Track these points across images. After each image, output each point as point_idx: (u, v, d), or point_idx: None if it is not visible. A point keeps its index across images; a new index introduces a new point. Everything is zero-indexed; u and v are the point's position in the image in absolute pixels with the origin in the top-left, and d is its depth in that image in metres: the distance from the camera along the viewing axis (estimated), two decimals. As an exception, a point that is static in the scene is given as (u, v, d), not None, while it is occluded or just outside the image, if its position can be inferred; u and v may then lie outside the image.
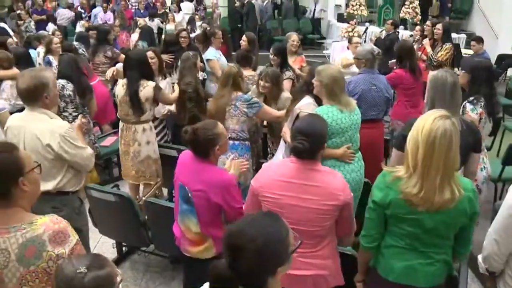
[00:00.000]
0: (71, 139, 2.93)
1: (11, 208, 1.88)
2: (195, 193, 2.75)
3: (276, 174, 2.50)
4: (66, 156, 2.93)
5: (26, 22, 11.66)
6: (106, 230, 4.02)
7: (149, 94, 4.27)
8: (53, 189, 2.97)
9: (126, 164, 4.49)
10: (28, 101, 2.93)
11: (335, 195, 2.43)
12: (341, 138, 3.44)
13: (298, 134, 2.46)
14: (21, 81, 2.92)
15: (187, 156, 2.90)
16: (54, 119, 2.97)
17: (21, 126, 2.96)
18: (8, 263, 1.81)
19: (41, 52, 7.11)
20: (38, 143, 2.88)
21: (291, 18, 15.89)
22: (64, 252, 1.85)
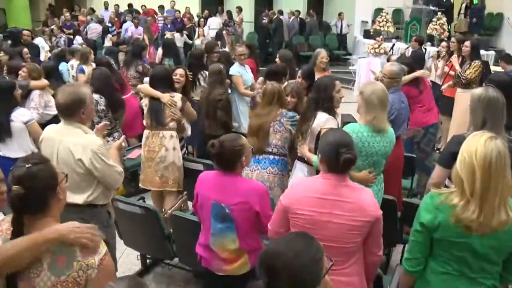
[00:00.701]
0: (102, 156, 2.97)
1: (45, 218, 1.93)
2: (234, 207, 2.74)
3: (308, 191, 2.47)
4: (95, 173, 2.97)
5: (57, 37, 11.97)
6: (131, 242, 4.04)
7: (178, 104, 4.44)
8: (83, 202, 3.01)
9: (149, 170, 4.52)
10: (65, 115, 3.00)
11: (367, 211, 2.40)
12: (364, 162, 3.39)
13: (340, 147, 2.42)
14: (60, 96, 2.99)
15: (211, 176, 2.91)
16: (88, 134, 3.03)
17: (55, 138, 3.02)
18: (41, 272, 1.84)
19: (74, 65, 7.29)
20: (70, 156, 2.93)
21: (317, 34, 15.94)
22: (94, 262, 1.87)
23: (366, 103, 3.37)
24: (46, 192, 1.92)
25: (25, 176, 1.87)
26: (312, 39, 15.65)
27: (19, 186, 1.85)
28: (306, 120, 3.90)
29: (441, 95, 6.99)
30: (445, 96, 6.90)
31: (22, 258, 1.83)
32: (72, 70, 7.34)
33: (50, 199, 1.93)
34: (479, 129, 2.82)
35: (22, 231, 1.88)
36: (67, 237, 1.86)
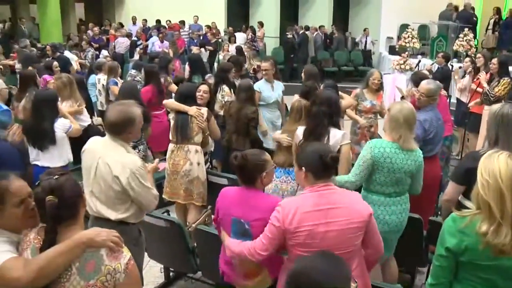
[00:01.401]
0: (140, 177, 2.99)
1: (74, 226, 2.01)
2: (253, 223, 2.73)
3: (302, 207, 2.47)
4: (131, 192, 2.99)
5: (86, 52, 12.27)
6: (155, 255, 4.06)
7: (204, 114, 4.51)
8: (114, 219, 3.03)
9: (174, 183, 4.57)
10: (112, 132, 3.04)
11: (360, 212, 2.48)
12: (386, 178, 3.38)
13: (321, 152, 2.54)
14: (110, 112, 3.05)
15: (232, 191, 2.93)
16: (129, 154, 3.06)
17: (97, 151, 3.05)
18: (70, 277, 1.91)
19: (101, 78, 7.44)
20: (109, 172, 2.96)
21: (342, 49, 15.94)
22: (120, 266, 1.95)
23: (392, 121, 3.36)
24: (76, 199, 2.03)
25: (55, 186, 1.96)
26: (337, 54, 15.67)
27: (52, 196, 1.93)
28: (320, 137, 3.80)
29: (468, 112, 6.90)
30: (472, 113, 6.79)
31: (58, 267, 1.90)
32: (99, 83, 7.51)
33: (79, 206, 2.04)
34: (492, 146, 2.82)
35: (55, 239, 1.95)
36: (94, 240, 1.94)
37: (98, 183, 3.01)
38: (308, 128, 3.89)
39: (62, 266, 1.90)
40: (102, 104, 7.59)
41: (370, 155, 3.37)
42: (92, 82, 7.83)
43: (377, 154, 3.34)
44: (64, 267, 1.91)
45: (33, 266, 1.88)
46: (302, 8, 17.86)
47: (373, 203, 3.41)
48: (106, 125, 3.09)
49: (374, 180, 3.42)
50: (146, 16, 16.30)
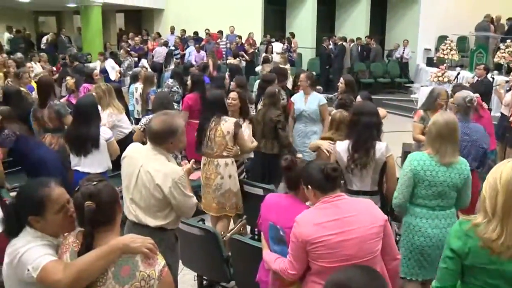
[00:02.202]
0: (182, 186, 3.02)
1: (110, 231, 2.07)
2: (288, 230, 2.71)
3: (317, 218, 2.47)
4: (173, 201, 3.02)
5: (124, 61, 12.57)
6: (189, 262, 4.09)
7: (229, 128, 4.50)
8: (154, 226, 3.08)
9: (208, 196, 4.63)
10: (154, 141, 3.09)
11: (376, 217, 2.50)
12: (427, 191, 3.32)
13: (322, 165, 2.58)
14: (154, 122, 3.11)
15: (274, 197, 2.95)
16: (170, 163, 3.10)
17: (139, 159, 3.09)
18: (106, 281, 1.96)
19: (138, 87, 7.61)
20: (150, 180, 2.99)
21: (379, 61, 15.82)
22: (154, 273, 1.99)
23: (434, 133, 3.29)
24: (113, 205, 2.09)
25: (94, 192, 2.03)
26: (374, 66, 15.55)
27: (90, 201, 2.00)
28: (369, 150, 3.64)
29: (509, 126, 6.73)
30: (512, 128, 6.63)
31: (95, 270, 1.96)
32: (136, 92, 7.68)
33: (116, 212, 2.10)
34: None
35: (92, 244, 2.02)
36: (130, 247, 1.99)
37: (139, 190, 3.06)
38: (357, 141, 3.67)
39: (99, 270, 1.96)
40: (138, 112, 7.73)
41: (409, 168, 3.34)
42: (132, 91, 8.02)
43: (416, 167, 3.30)
44: (100, 271, 1.96)
45: (72, 269, 1.95)
46: (339, 19, 17.85)
47: (415, 215, 3.38)
48: (149, 134, 3.16)
49: (416, 193, 3.37)
50: (184, 26, 16.59)
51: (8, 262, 2.08)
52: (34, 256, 2.01)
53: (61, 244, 2.14)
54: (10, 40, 17.06)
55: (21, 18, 20.47)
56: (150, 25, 18.65)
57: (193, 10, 16.70)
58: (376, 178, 3.71)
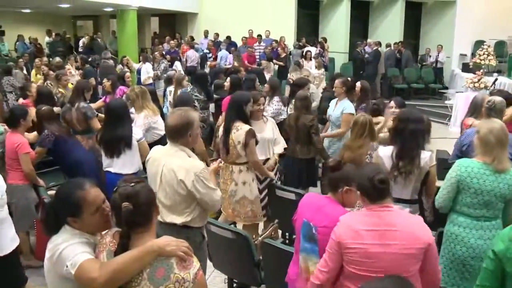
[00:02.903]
0: (204, 179, 3.09)
1: (147, 232, 2.10)
2: (320, 229, 2.74)
3: (357, 224, 2.46)
4: (197, 195, 3.09)
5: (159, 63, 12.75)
6: (219, 265, 4.13)
7: (240, 138, 4.42)
8: (180, 223, 3.15)
9: (225, 202, 4.63)
10: (173, 137, 3.18)
11: (419, 238, 2.39)
12: (473, 199, 3.25)
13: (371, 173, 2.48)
14: (170, 118, 3.21)
15: (313, 197, 2.98)
16: (191, 158, 3.18)
17: (161, 159, 3.20)
18: (141, 282, 2.00)
19: (172, 90, 7.72)
20: (174, 177, 3.08)
21: (413, 66, 15.58)
22: (189, 276, 2.01)
23: (483, 143, 3.22)
24: (150, 207, 2.12)
25: (132, 193, 2.07)
26: (407, 71, 15.34)
27: (128, 203, 2.03)
28: (414, 159, 3.59)
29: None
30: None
31: (130, 271, 1.99)
32: (170, 95, 7.79)
33: (153, 214, 2.13)
34: None
35: (128, 244, 2.05)
36: (165, 249, 2.01)
37: (164, 189, 3.13)
38: (402, 149, 3.63)
39: (134, 271, 1.99)
40: (172, 114, 7.84)
41: (455, 173, 3.29)
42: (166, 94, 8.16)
43: (463, 173, 3.24)
44: (135, 272, 2.00)
45: (108, 268, 1.99)
46: (372, 24, 17.67)
47: (458, 224, 3.33)
48: (167, 131, 3.25)
49: (460, 201, 3.31)
50: (217, 30, 16.71)
51: (49, 257, 2.15)
52: (72, 253, 2.07)
53: (98, 243, 2.19)
54: (49, 43, 17.58)
55: (60, 23, 21.06)
56: (184, 29, 18.86)
57: (226, 14, 16.80)
58: (417, 187, 3.67)
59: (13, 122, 4.75)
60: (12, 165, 4.73)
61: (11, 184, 4.67)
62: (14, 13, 18.38)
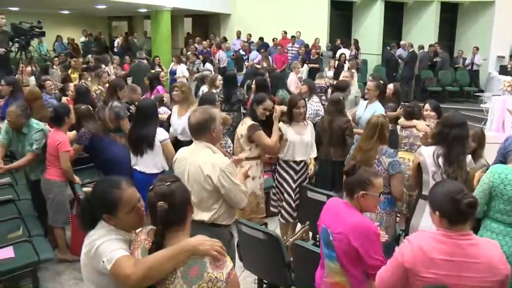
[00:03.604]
0: (230, 174, 3.14)
1: (181, 231, 2.12)
2: (336, 235, 2.72)
3: (432, 251, 2.27)
4: (222, 190, 3.14)
5: (196, 64, 12.92)
6: (250, 265, 4.14)
7: (243, 131, 4.52)
8: (208, 220, 3.19)
9: None
10: (197, 134, 3.24)
11: (498, 270, 2.23)
12: (506, 206, 3.20)
13: (455, 194, 2.25)
14: (192, 116, 3.26)
15: (334, 202, 2.95)
16: (216, 154, 3.24)
17: (187, 157, 3.27)
18: (174, 280, 2.01)
19: (205, 90, 7.81)
20: (200, 174, 3.14)
21: (448, 68, 15.29)
22: (222, 276, 2.01)
23: None
24: (185, 206, 2.13)
25: (167, 192, 2.09)
26: (442, 74, 15.05)
27: (163, 202, 2.05)
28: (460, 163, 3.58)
29: None
30: None
31: (164, 269, 2.02)
32: (204, 95, 7.88)
33: (187, 213, 2.15)
34: None
35: (163, 243, 2.08)
36: (198, 249, 2.02)
37: (191, 186, 3.15)
38: (449, 154, 3.62)
39: (167, 269, 2.01)
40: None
41: (488, 179, 3.24)
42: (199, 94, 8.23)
43: (496, 179, 3.20)
44: (169, 271, 2.02)
45: (142, 266, 2.02)
46: (406, 25, 17.43)
47: (492, 230, 3.28)
48: (191, 130, 3.29)
49: (493, 207, 3.27)
50: (250, 31, 16.78)
51: (86, 252, 2.20)
52: (109, 249, 2.10)
53: (133, 240, 2.22)
54: (84, 43, 18.01)
55: (96, 24, 21.54)
56: (217, 30, 19.00)
57: (259, 15, 16.86)
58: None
59: (58, 120, 4.88)
60: (52, 161, 4.86)
61: (49, 180, 4.82)
62: (54, 15, 18.86)
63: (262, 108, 4.67)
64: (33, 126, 4.96)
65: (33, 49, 9.99)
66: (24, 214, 4.87)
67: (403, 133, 5.34)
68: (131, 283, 2.04)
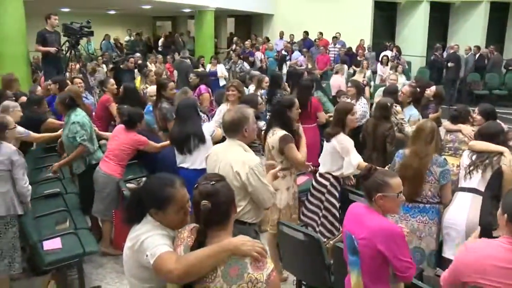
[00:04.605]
0: (258, 173, 3.18)
1: (223, 231, 2.14)
2: (360, 241, 2.68)
3: (492, 258, 2.23)
4: (249, 188, 3.18)
5: (238, 64, 13.01)
6: (289, 266, 4.15)
7: (274, 143, 4.26)
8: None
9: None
10: (230, 132, 3.32)
11: None
12: None
13: None
14: (226, 115, 3.35)
15: (356, 206, 2.91)
16: (248, 152, 3.29)
17: (219, 153, 3.35)
18: (215, 278, 2.03)
19: (251, 90, 7.85)
20: (230, 170, 3.18)
21: (496, 71, 14.81)
22: (262, 277, 2.00)
23: None
24: (229, 206, 2.15)
25: (211, 192, 2.11)
26: (489, 77, 14.59)
27: (207, 201, 2.07)
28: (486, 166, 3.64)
29: None
30: None
31: (204, 267, 2.04)
32: (248, 94, 7.92)
33: (230, 213, 2.16)
34: None
35: (205, 241, 2.10)
36: (240, 249, 2.03)
37: None
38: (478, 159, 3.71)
39: (208, 267, 2.03)
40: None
41: None
42: (244, 93, 8.31)
43: None
44: (209, 269, 2.03)
45: (183, 262, 2.05)
46: (452, 27, 17.02)
47: None
48: (224, 127, 3.36)
49: None
50: (293, 31, 16.76)
51: (130, 246, 2.25)
52: (153, 244, 2.15)
53: (176, 236, 2.25)
54: (128, 42, 18.42)
55: (141, 23, 22.00)
56: (259, 30, 19.09)
57: (302, 16, 16.82)
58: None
59: (131, 124, 5.08)
60: (120, 156, 5.02)
61: (110, 175, 4.97)
62: (101, 15, 19.38)
63: (295, 110, 4.52)
64: (70, 117, 5.16)
65: (81, 48, 10.27)
66: (71, 207, 5.02)
67: (448, 137, 5.20)
68: (172, 279, 2.08)
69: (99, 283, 4.60)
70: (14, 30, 8.70)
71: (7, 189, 3.85)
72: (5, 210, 3.85)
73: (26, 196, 3.88)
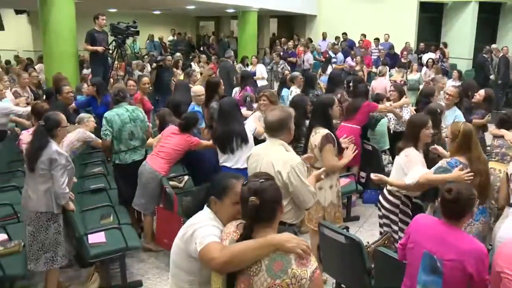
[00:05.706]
0: (299, 173, 3.19)
1: (269, 228, 2.19)
2: (447, 262, 2.61)
3: None
4: (290, 187, 3.19)
5: (280, 64, 13.02)
6: (329, 268, 4.12)
7: (316, 141, 4.32)
8: None
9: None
10: (274, 131, 3.33)
11: None
12: None
13: None
14: (269, 115, 3.36)
15: (429, 221, 2.82)
16: (289, 152, 3.31)
17: (260, 153, 3.37)
18: (259, 272, 2.07)
19: (293, 91, 7.84)
20: (271, 169, 3.18)
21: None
22: (306, 273, 2.04)
23: None
24: (275, 205, 2.20)
25: (259, 189, 2.17)
26: (541, 80, 14.01)
27: (255, 197, 2.13)
28: None
29: None
30: None
31: (247, 259, 2.09)
32: (291, 95, 7.90)
33: (277, 212, 2.20)
34: None
35: (250, 236, 2.15)
36: (285, 245, 2.07)
37: None
38: None
39: (251, 260, 2.09)
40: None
41: None
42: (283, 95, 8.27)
43: None
44: (251, 261, 2.08)
45: (227, 252, 2.12)
46: (502, 29, 16.48)
47: None
48: (268, 127, 3.36)
49: None
50: (336, 33, 16.63)
51: (181, 236, 2.36)
52: (204, 233, 2.24)
53: (222, 231, 2.32)
54: (171, 42, 18.71)
55: (184, 23, 22.32)
56: (302, 31, 19.04)
57: (345, 17, 16.69)
58: None
59: (187, 127, 5.23)
60: (172, 156, 5.15)
61: (158, 173, 5.06)
62: (146, 15, 19.77)
63: (336, 108, 4.55)
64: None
65: (127, 47, 10.51)
66: (114, 203, 5.17)
67: (495, 142, 5.05)
68: (215, 267, 2.15)
69: (140, 278, 4.69)
70: (65, 30, 8.97)
71: (47, 187, 3.95)
72: (46, 207, 3.97)
73: (60, 198, 3.93)
